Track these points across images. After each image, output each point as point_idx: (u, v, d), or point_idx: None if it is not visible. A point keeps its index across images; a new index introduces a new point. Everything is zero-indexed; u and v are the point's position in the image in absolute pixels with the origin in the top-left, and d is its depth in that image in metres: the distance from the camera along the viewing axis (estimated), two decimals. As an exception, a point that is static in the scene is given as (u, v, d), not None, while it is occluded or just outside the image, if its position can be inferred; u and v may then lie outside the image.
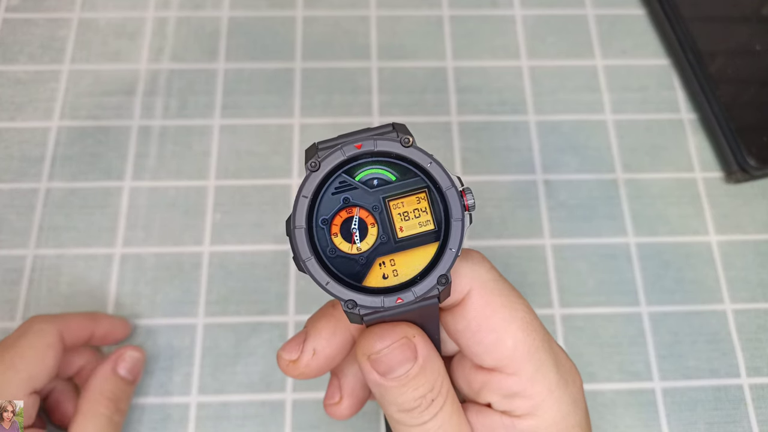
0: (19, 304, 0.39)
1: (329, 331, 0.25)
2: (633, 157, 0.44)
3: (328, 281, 0.21)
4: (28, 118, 0.44)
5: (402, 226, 0.22)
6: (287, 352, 0.25)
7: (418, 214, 0.22)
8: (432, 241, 0.22)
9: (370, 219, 0.22)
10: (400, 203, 0.22)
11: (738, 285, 0.41)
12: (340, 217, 0.22)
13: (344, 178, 0.22)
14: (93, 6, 0.48)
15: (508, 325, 0.23)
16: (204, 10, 0.48)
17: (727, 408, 0.38)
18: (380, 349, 0.22)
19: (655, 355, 0.39)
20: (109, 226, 0.41)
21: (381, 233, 0.22)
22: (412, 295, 0.21)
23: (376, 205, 0.22)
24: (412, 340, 0.22)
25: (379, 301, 0.21)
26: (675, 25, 0.47)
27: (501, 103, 0.45)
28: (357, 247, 0.22)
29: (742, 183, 0.44)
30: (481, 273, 0.23)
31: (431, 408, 0.22)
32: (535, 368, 0.23)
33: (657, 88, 0.46)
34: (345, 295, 0.21)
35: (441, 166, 0.22)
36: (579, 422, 0.23)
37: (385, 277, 0.22)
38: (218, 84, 0.45)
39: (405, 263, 0.22)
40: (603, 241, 0.42)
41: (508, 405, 0.23)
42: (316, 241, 0.22)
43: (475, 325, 0.23)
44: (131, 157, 0.43)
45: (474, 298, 0.23)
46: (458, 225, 0.22)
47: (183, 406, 0.37)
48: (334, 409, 0.27)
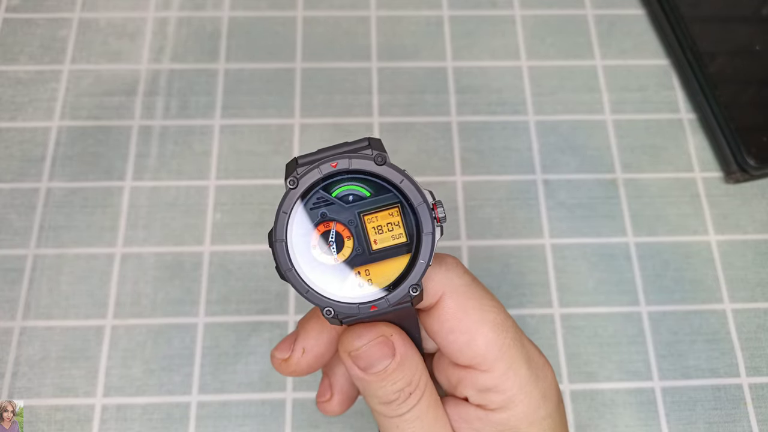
0: (20, 304, 0.39)
1: (317, 331, 0.26)
2: (632, 157, 0.44)
3: (307, 290, 0.23)
4: (29, 118, 0.44)
5: (376, 239, 0.23)
6: (279, 351, 0.27)
7: (391, 227, 0.23)
8: (404, 253, 0.23)
9: (346, 232, 0.23)
10: (374, 217, 0.23)
11: (737, 285, 0.41)
12: (318, 230, 0.23)
13: (321, 195, 0.24)
14: (93, 6, 0.48)
15: (479, 326, 0.24)
16: (204, 11, 0.48)
17: (727, 407, 0.38)
18: (359, 346, 0.24)
19: (654, 354, 0.39)
20: (109, 226, 0.41)
21: (356, 245, 0.23)
22: (385, 303, 0.23)
23: (351, 220, 0.23)
24: (389, 338, 0.24)
25: (355, 308, 0.23)
26: (674, 26, 0.47)
27: (501, 103, 0.46)
28: (334, 258, 0.23)
29: (741, 183, 0.44)
30: (452, 278, 0.25)
31: (409, 401, 0.24)
32: (506, 365, 0.24)
33: (656, 88, 0.46)
34: (323, 302, 0.23)
35: (413, 183, 0.23)
36: (549, 414, 0.25)
37: (361, 286, 0.23)
38: (219, 84, 0.45)
39: (379, 273, 0.23)
40: (602, 240, 0.42)
41: (483, 399, 0.25)
42: (296, 253, 0.23)
43: (448, 327, 0.24)
44: (132, 157, 0.43)
45: (447, 302, 0.24)
46: (429, 239, 0.23)
47: (183, 405, 0.37)
48: (326, 405, 0.28)
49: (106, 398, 0.37)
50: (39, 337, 0.38)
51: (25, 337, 0.38)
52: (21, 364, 0.38)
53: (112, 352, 0.38)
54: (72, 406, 0.37)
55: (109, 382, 0.37)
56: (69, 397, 0.37)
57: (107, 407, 0.37)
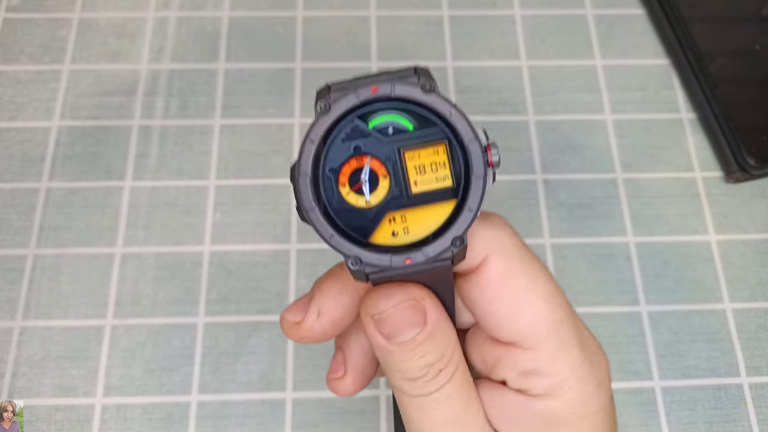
0: (20, 304, 0.39)
1: (335, 291, 0.23)
2: (632, 156, 0.44)
3: (332, 234, 0.20)
4: (29, 118, 0.44)
5: (417, 180, 0.20)
6: (291, 314, 0.24)
7: (435, 168, 0.20)
8: (449, 199, 0.20)
9: (382, 170, 0.20)
10: (417, 155, 0.20)
11: (737, 284, 0.41)
12: (350, 166, 0.20)
13: (356, 124, 0.20)
14: (93, 6, 0.48)
15: (528, 294, 0.21)
16: (204, 10, 0.48)
17: (727, 407, 0.38)
18: (385, 309, 0.20)
19: (654, 354, 0.39)
20: (109, 226, 0.41)
21: (393, 186, 0.20)
22: (422, 256, 0.20)
23: (389, 156, 0.20)
24: (421, 302, 0.21)
25: (386, 259, 0.20)
26: (675, 25, 0.47)
27: (500, 103, 0.46)
28: (366, 200, 0.20)
29: (741, 183, 0.44)
30: (501, 237, 0.22)
31: (438, 378, 0.21)
32: (556, 344, 0.21)
33: (657, 88, 0.46)
34: (349, 250, 0.20)
35: (464, 116, 0.20)
36: (603, 407, 0.21)
37: (395, 235, 0.20)
38: (218, 84, 0.45)
39: (417, 221, 0.20)
40: (602, 240, 0.42)
41: (525, 383, 0.21)
42: (322, 190, 0.20)
43: (490, 294, 0.21)
44: (132, 157, 0.43)
45: (492, 264, 0.21)
46: (479, 183, 0.20)
47: (183, 405, 0.37)
48: (338, 384, 0.25)
49: (106, 398, 0.37)
50: (39, 337, 0.38)
51: (25, 337, 0.38)
52: (21, 364, 0.38)
53: (112, 351, 0.38)
54: (72, 406, 0.37)
55: (109, 382, 0.37)
56: (69, 397, 0.37)
57: (107, 407, 0.37)
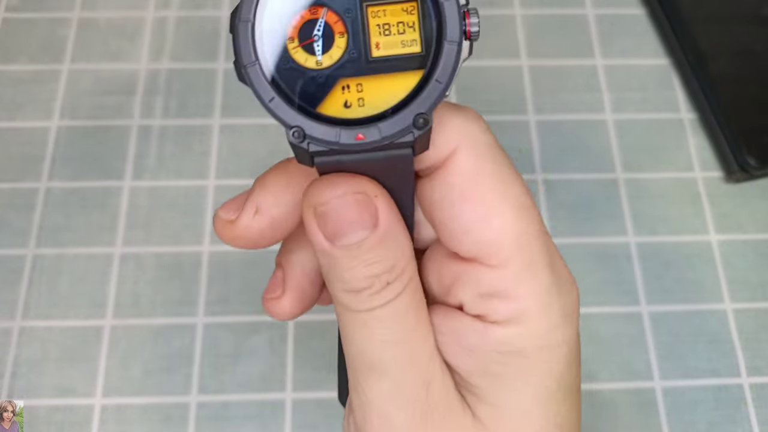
0: (19, 304, 0.39)
1: (279, 186, 0.20)
2: (633, 156, 0.44)
3: (273, 97, 0.17)
4: (28, 118, 0.44)
5: (379, 41, 0.17)
6: (225, 210, 0.20)
7: (402, 29, 0.17)
8: (415, 68, 0.17)
9: (339, 26, 0.17)
10: (382, 11, 0.17)
11: (738, 285, 0.41)
12: (301, 17, 0.17)
13: None
14: (93, 6, 0.48)
15: (498, 201, 0.18)
16: (204, 10, 0.48)
17: (728, 408, 0.38)
18: (329, 199, 0.17)
19: (655, 354, 0.39)
20: (108, 226, 0.41)
21: (350, 47, 0.17)
22: (377, 133, 0.17)
23: (349, 9, 0.17)
24: (372, 199, 0.17)
25: (333, 133, 0.17)
26: (675, 25, 0.47)
27: (501, 102, 0.45)
28: (317, 60, 0.17)
29: (742, 183, 0.43)
30: (473, 130, 0.19)
31: (385, 292, 0.17)
32: (524, 263, 0.18)
33: (657, 88, 0.46)
34: (292, 118, 0.17)
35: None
36: (566, 341, 0.19)
37: (348, 106, 0.17)
38: (218, 84, 0.45)
39: (375, 91, 0.17)
40: (603, 240, 0.42)
41: (484, 307, 0.18)
42: (265, 44, 0.17)
43: (456, 195, 0.18)
44: (131, 157, 0.43)
45: (460, 160, 0.18)
46: (452, 50, 0.17)
47: (183, 405, 0.37)
48: (274, 304, 0.22)
49: (106, 399, 0.37)
50: (38, 337, 0.38)
51: (25, 337, 0.38)
52: (20, 364, 0.38)
53: (112, 352, 0.38)
54: (71, 406, 0.37)
55: (109, 383, 0.37)
56: (68, 397, 0.37)
57: (107, 408, 0.37)
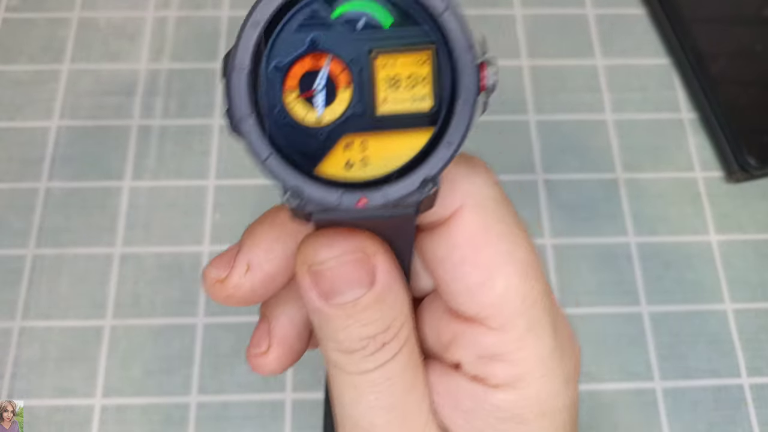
0: (19, 305, 0.39)
1: (270, 239, 0.19)
2: (633, 156, 0.44)
3: (269, 154, 0.16)
4: (28, 118, 0.44)
5: (387, 96, 0.16)
6: (215, 268, 0.20)
7: (413, 83, 0.16)
8: (425, 126, 0.16)
9: (344, 77, 0.15)
10: (392, 61, 0.15)
11: (738, 285, 0.41)
12: (302, 66, 0.15)
13: (317, 9, 0.15)
14: (93, 6, 0.48)
15: (503, 262, 0.17)
16: (204, 10, 0.48)
17: (728, 408, 0.38)
18: (325, 259, 0.16)
19: (655, 355, 0.39)
20: (108, 226, 0.41)
21: (355, 101, 0.15)
22: (381, 198, 0.15)
23: (356, 58, 0.15)
24: (371, 257, 0.17)
25: (335, 196, 0.15)
26: (675, 25, 0.46)
27: (501, 102, 0.45)
28: (318, 114, 0.16)
29: (742, 183, 0.43)
30: (481, 186, 0.18)
31: (380, 354, 0.17)
32: (527, 326, 0.17)
33: (657, 88, 0.46)
34: (289, 180, 0.16)
35: (460, 17, 0.15)
36: (567, 405, 0.18)
37: (350, 165, 0.16)
38: (218, 84, 0.45)
39: (381, 150, 0.16)
40: (603, 240, 0.42)
41: (483, 369, 0.17)
42: (262, 94, 0.16)
43: (459, 255, 0.17)
44: (131, 157, 0.43)
45: (465, 219, 0.17)
46: (466, 110, 0.15)
47: (183, 406, 0.37)
48: (260, 360, 0.20)
49: (106, 399, 0.37)
50: (38, 337, 0.38)
51: (25, 337, 0.38)
52: (20, 364, 0.38)
53: (112, 352, 0.38)
54: (71, 407, 0.37)
55: (109, 383, 0.37)
56: (68, 397, 0.37)
57: (107, 408, 0.37)
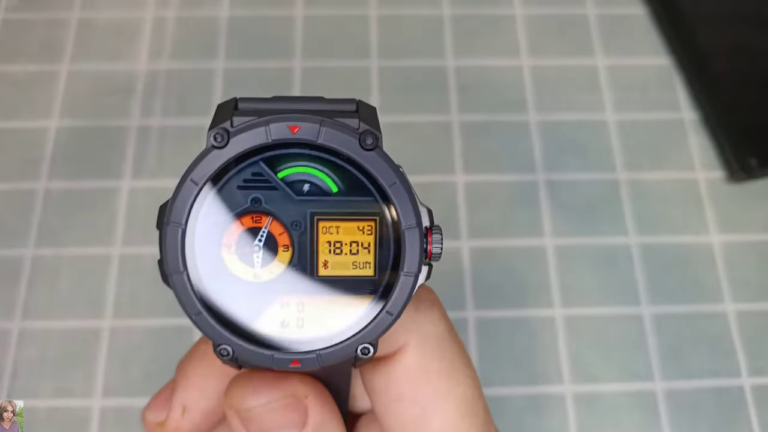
0: (18, 305, 0.39)
1: (202, 376, 0.19)
2: (634, 157, 0.44)
3: (198, 312, 0.15)
4: (27, 118, 0.44)
5: (328, 260, 0.16)
6: (152, 412, 0.19)
7: (355, 249, 0.16)
8: (365, 293, 0.16)
9: (284, 238, 0.16)
10: (335, 228, 0.16)
11: (739, 285, 0.41)
12: (242, 224, 0.16)
13: (261, 170, 0.16)
14: (92, 6, 0.47)
15: (441, 400, 0.18)
16: (203, 10, 0.48)
17: (729, 409, 0.38)
18: (252, 407, 0.17)
19: (656, 356, 0.39)
20: (107, 226, 0.41)
21: (295, 262, 0.16)
22: (315, 362, 0.16)
23: (297, 221, 0.16)
24: (302, 400, 0.17)
25: (267, 358, 0.16)
26: (676, 25, 0.46)
27: (502, 102, 0.45)
28: (255, 272, 0.16)
29: (743, 183, 0.43)
30: (424, 324, 0.18)
31: None
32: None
33: (658, 88, 0.46)
34: (220, 337, 0.16)
35: (408, 189, 0.16)
36: None
37: (285, 325, 0.16)
38: (217, 83, 0.45)
39: (318, 312, 0.16)
40: (604, 241, 0.41)
41: None
42: (197, 249, 0.16)
43: (399, 391, 0.17)
44: (130, 157, 0.43)
45: (407, 357, 0.17)
46: (408, 281, 0.16)
47: (182, 407, 0.37)
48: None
49: (105, 400, 0.37)
50: (37, 338, 0.38)
51: (24, 338, 0.38)
52: (19, 365, 0.37)
53: (111, 353, 0.38)
54: (71, 407, 0.37)
55: (108, 384, 0.37)
56: (67, 398, 0.37)
57: (106, 409, 0.37)
